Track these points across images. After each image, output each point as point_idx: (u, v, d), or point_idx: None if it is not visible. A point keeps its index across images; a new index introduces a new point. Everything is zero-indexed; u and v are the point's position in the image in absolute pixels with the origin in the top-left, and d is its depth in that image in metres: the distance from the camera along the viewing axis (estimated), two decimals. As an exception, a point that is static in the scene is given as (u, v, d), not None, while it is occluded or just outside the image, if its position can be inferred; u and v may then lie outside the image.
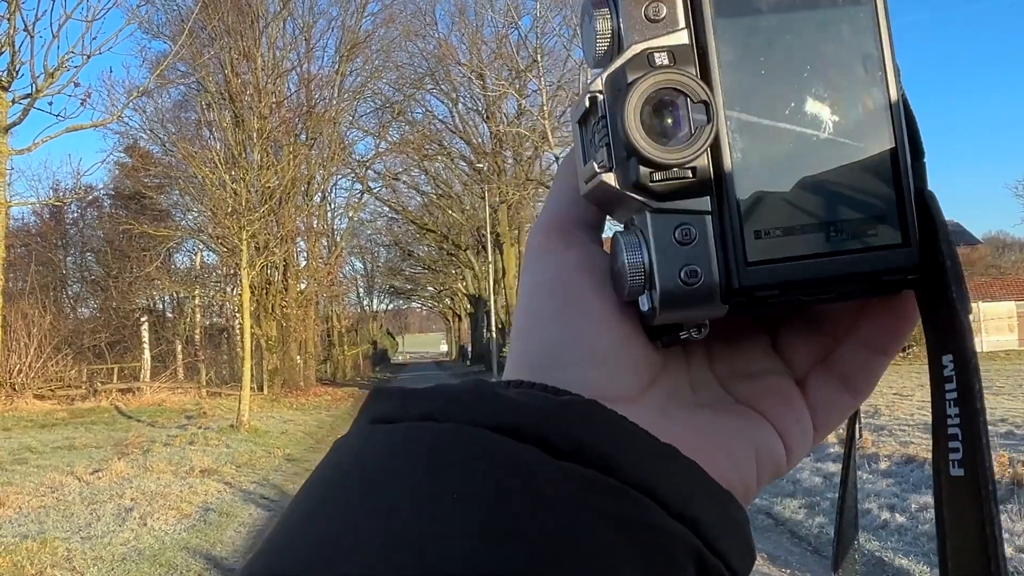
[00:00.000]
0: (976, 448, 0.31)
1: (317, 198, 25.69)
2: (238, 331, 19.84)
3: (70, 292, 26.61)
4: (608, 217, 0.38)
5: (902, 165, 0.33)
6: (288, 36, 24.37)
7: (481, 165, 27.46)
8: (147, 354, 22.50)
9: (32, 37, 6.15)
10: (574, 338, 0.34)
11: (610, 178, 0.33)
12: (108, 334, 22.21)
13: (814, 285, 0.33)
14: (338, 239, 26.83)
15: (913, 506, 5.80)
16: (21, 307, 18.54)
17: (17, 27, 6.05)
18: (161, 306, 25.96)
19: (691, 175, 0.32)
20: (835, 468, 7.24)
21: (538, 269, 0.36)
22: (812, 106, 0.33)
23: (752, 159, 0.33)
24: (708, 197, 0.33)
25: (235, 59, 20.80)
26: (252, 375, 15.28)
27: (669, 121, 0.32)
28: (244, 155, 18.26)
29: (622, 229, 0.35)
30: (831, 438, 6.25)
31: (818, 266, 0.33)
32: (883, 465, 7.15)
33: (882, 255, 0.33)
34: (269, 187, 17.69)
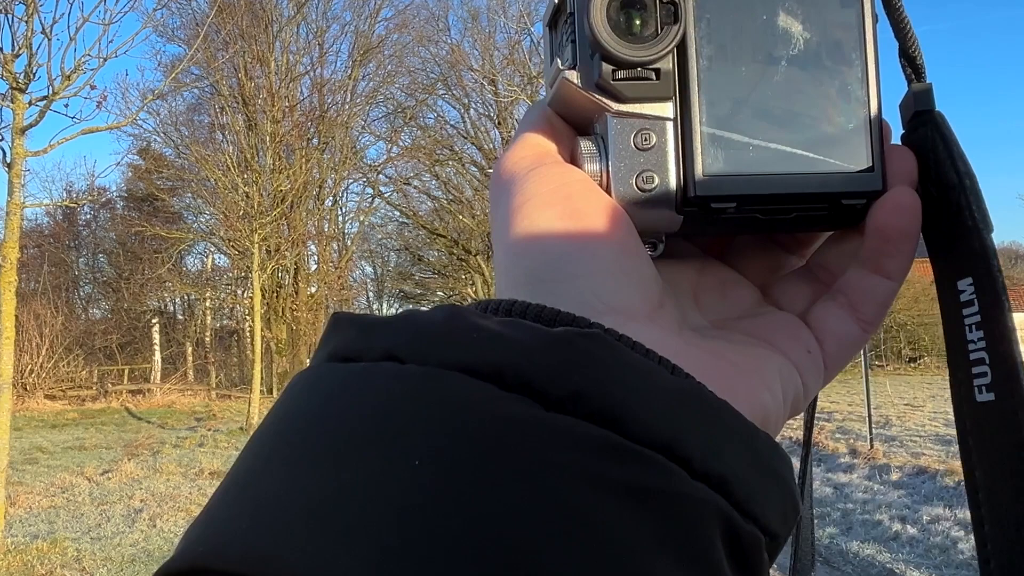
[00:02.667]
0: (1011, 368, 0.29)
1: (328, 202, 25.76)
2: (248, 334, 19.91)
3: (82, 293, 26.77)
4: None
5: (871, 88, 0.33)
6: (302, 40, 24.48)
7: (492, 171, 27.31)
8: (157, 356, 22.61)
9: (49, 40, 6.20)
10: (580, 248, 0.30)
11: (573, 75, 0.33)
12: (119, 335, 22.31)
13: (771, 201, 0.32)
14: (348, 243, 26.89)
15: (925, 518, 5.75)
16: (33, 307, 18.67)
17: (35, 29, 6.10)
18: (172, 308, 26.07)
19: (654, 77, 0.32)
20: (846, 479, 7.20)
21: (525, 187, 0.32)
22: (784, 21, 0.33)
23: (719, 69, 0.32)
24: (670, 103, 0.32)
25: (249, 63, 20.92)
26: (262, 378, 15.31)
27: (637, 22, 0.31)
28: (256, 159, 18.35)
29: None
30: (842, 447, 6.21)
31: (777, 182, 0.32)
32: (894, 476, 7.10)
33: (843, 177, 0.32)
34: (281, 191, 17.75)
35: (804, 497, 0.43)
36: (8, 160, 5.97)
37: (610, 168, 0.32)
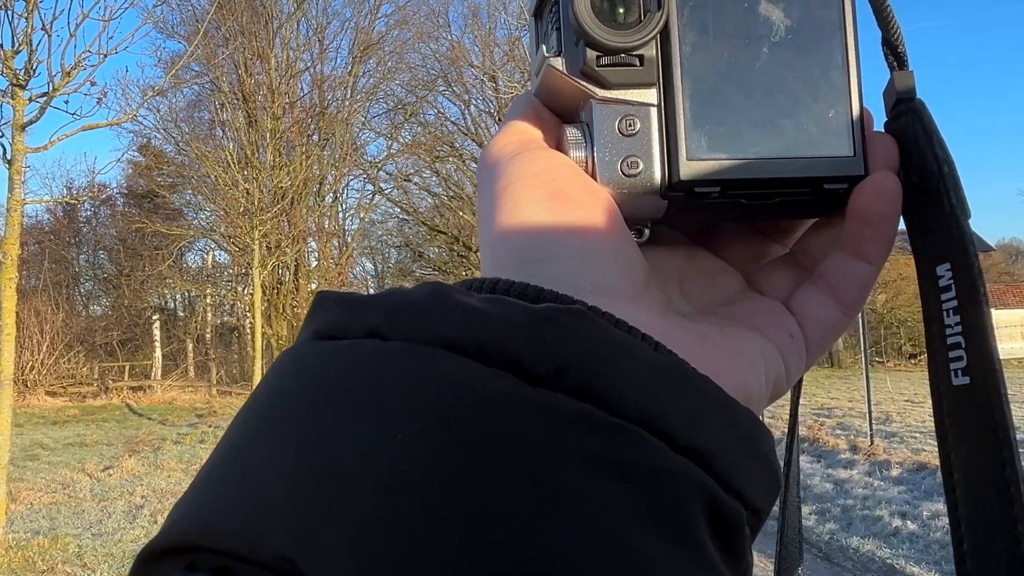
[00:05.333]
0: (986, 355, 0.29)
1: (329, 199, 25.75)
2: (249, 330, 19.93)
3: (82, 290, 26.79)
4: None
5: (851, 75, 0.33)
6: (302, 37, 24.45)
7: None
8: (158, 352, 22.62)
9: (50, 36, 6.20)
10: (565, 228, 0.30)
11: (558, 62, 0.33)
12: (120, 332, 22.32)
13: (754, 185, 0.32)
14: (349, 240, 26.89)
15: (925, 513, 5.76)
16: (34, 304, 18.68)
17: (35, 26, 6.10)
18: (172, 305, 26.08)
19: (638, 63, 0.32)
20: (846, 475, 7.21)
21: (510, 170, 0.32)
22: (766, 8, 0.33)
23: (702, 55, 0.33)
24: (654, 89, 0.32)
25: (249, 59, 20.90)
26: (263, 374, 15.28)
27: (620, 8, 0.32)
28: (257, 155, 18.34)
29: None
30: (842, 444, 6.22)
31: (760, 167, 0.32)
32: (894, 472, 7.11)
33: (825, 162, 0.33)
34: (281, 187, 17.75)
35: (790, 483, 0.43)
36: (8, 156, 5.97)
37: (595, 154, 0.32)
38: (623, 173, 0.32)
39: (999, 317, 24.69)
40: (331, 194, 25.89)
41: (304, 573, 0.19)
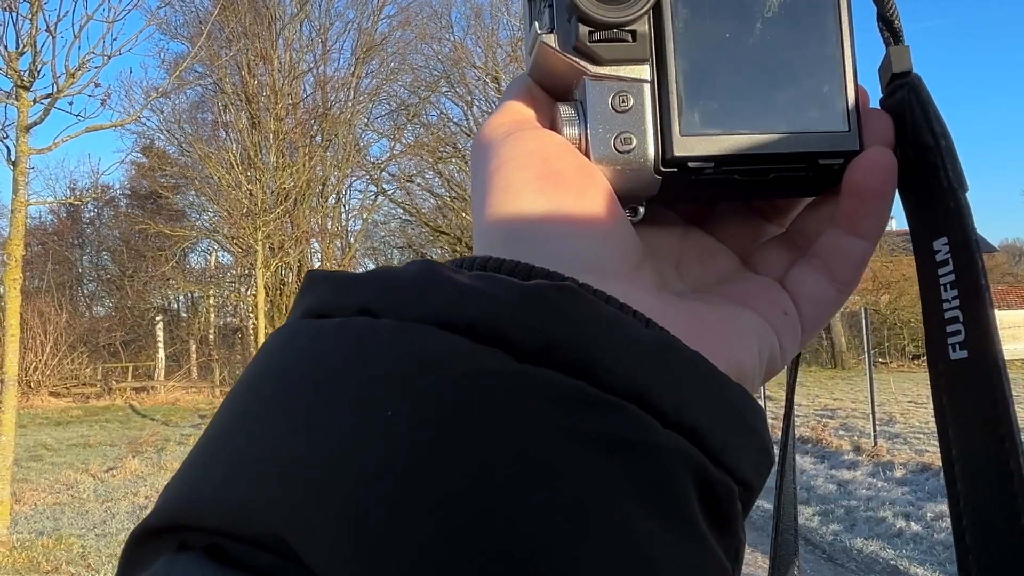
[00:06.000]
0: (984, 327, 0.29)
1: (332, 200, 25.77)
2: (252, 331, 19.94)
3: (86, 291, 26.82)
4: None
5: (846, 50, 0.33)
6: (305, 38, 24.47)
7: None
8: (161, 353, 22.64)
9: (54, 37, 6.21)
10: (556, 207, 0.29)
11: (550, 39, 0.33)
12: (123, 333, 22.35)
13: (748, 161, 0.32)
14: (352, 241, 26.90)
15: (929, 514, 5.75)
16: (38, 305, 18.71)
17: (39, 27, 6.11)
18: (176, 306, 26.11)
19: (631, 39, 0.32)
20: (849, 476, 7.20)
21: (502, 151, 0.32)
22: None
23: (695, 30, 0.32)
24: (647, 65, 0.32)
25: (252, 61, 20.92)
26: (265, 375, 15.27)
27: None
28: (260, 156, 18.37)
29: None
30: (845, 445, 6.20)
31: (754, 142, 0.32)
32: (898, 473, 7.10)
33: (820, 137, 0.32)
34: (284, 188, 17.77)
35: (785, 468, 0.43)
36: (13, 158, 5.98)
37: (588, 131, 0.32)
38: (616, 149, 0.32)
39: (1003, 318, 24.64)
40: (334, 195, 25.92)
41: (295, 551, 0.19)
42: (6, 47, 6.05)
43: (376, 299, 0.24)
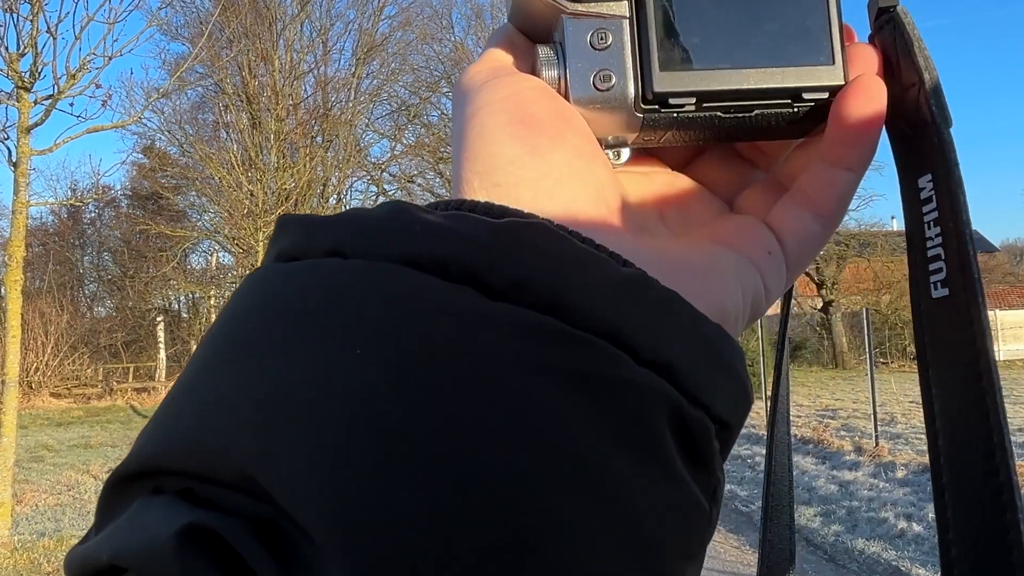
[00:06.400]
0: (964, 262, 0.29)
1: (332, 200, 25.77)
2: (253, 332, 19.93)
3: (87, 291, 26.84)
4: None
5: None
6: (305, 39, 24.48)
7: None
8: (162, 354, 22.66)
9: (55, 38, 6.22)
10: (531, 151, 0.29)
11: None
12: (124, 333, 22.37)
13: (731, 96, 0.32)
14: (353, 241, 26.83)
15: (931, 515, 5.74)
16: (39, 306, 18.73)
17: (40, 28, 6.12)
18: (177, 306, 26.12)
19: None
20: (851, 476, 7.20)
21: (478, 97, 0.31)
22: None
23: None
24: (626, 2, 0.32)
25: (253, 61, 20.94)
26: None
27: None
28: (261, 157, 18.39)
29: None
30: (847, 445, 6.18)
31: (736, 77, 0.32)
32: (900, 474, 7.09)
33: (804, 71, 0.32)
34: (285, 189, 17.78)
35: (776, 421, 0.42)
36: (14, 159, 5.99)
37: (567, 70, 0.32)
38: (596, 88, 0.31)
39: (1003, 318, 24.62)
40: (335, 196, 25.94)
41: (265, 490, 0.19)
42: (7, 48, 6.06)
43: (346, 240, 0.23)
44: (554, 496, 0.20)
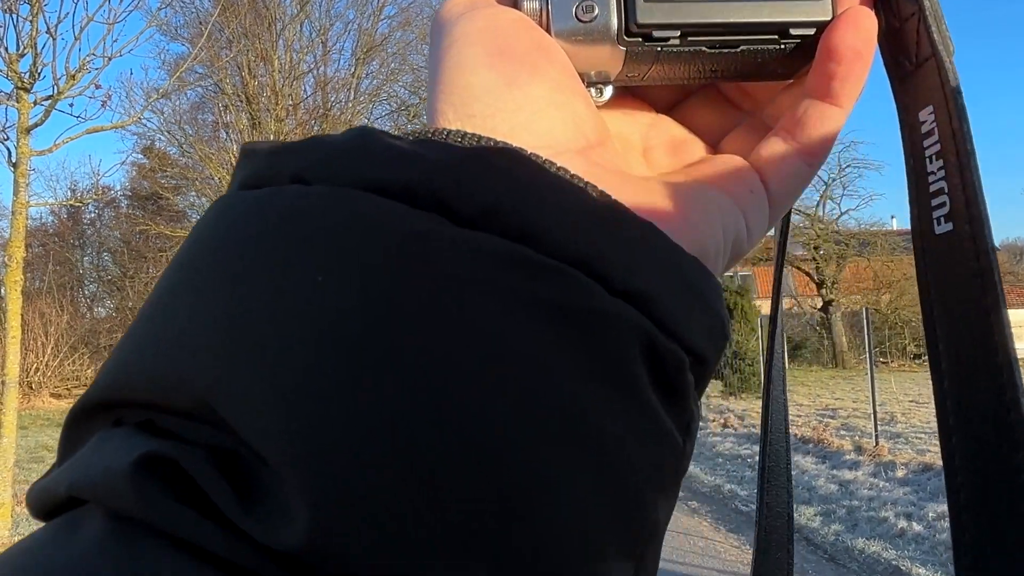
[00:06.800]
0: (968, 194, 0.28)
1: (332, 200, 25.75)
2: (253, 332, 19.94)
3: (87, 292, 26.84)
4: None
5: None
6: (305, 39, 24.48)
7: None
8: (163, 354, 22.65)
9: (54, 39, 6.22)
10: (507, 82, 0.28)
11: None
12: (124, 334, 22.35)
13: (716, 30, 0.31)
14: (353, 241, 26.83)
15: (931, 515, 5.75)
16: (38, 306, 18.73)
17: (39, 29, 6.12)
18: (177, 307, 26.09)
19: None
20: (851, 476, 7.20)
21: (454, 29, 0.30)
22: None
23: None
24: None
25: (252, 62, 20.94)
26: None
27: None
28: (261, 157, 18.40)
29: None
30: (847, 445, 6.18)
31: (721, 9, 0.31)
32: (900, 473, 7.09)
33: (791, 5, 0.31)
34: (285, 189, 17.77)
35: (772, 378, 0.41)
36: (13, 160, 5.99)
37: (549, 1, 0.31)
38: (578, 19, 0.31)
39: (1004, 317, 24.54)
40: (335, 196, 25.87)
41: (222, 418, 0.19)
42: (6, 49, 6.06)
43: (309, 166, 0.23)
44: (527, 427, 0.19)
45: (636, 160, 0.33)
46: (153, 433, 0.20)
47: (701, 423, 0.23)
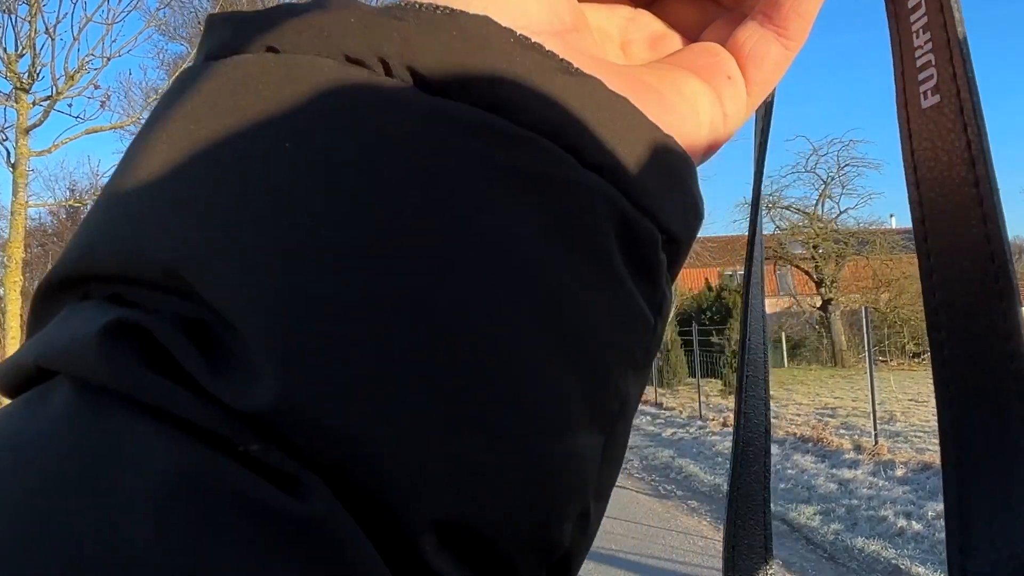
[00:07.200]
0: (956, 65, 0.28)
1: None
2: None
3: (87, 292, 26.79)
4: None
5: None
6: (304, 39, 24.46)
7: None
8: (162, 354, 22.66)
9: (53, 39, 6.23)
10: None
11: None
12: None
13: None
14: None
15: (930, 513, 5.75)
16: (38, 307, 18.68)
17: (38, 29, 6.12)
18: (176, 307, 26.10)
19: None
20: (850, 475, 7.21)
21: None
22: None
23: None
24: None
25: (251, 62, 20.92)
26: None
27: None
28: (260, 157, 18.39)
29: None
30: (846, 444, 6.17)
31: None
32: (899, 472, 7.10)
33: None
34: (284, 189, 17.77)
35: (752, 283, 0.41)
36: (12, 160, 5.99)
37: None
38: None
39: (1003, 316, 24.50)
40: (334, 196, 25.87)
41: (191, 286, 0.19)
42: (5, 49, 6.07)
43: (277, 35, 0.22)
44: (497, 294, 0.19)
45: (613, 52, 0.32)
46: (121, 305, 0.20)
47: (701, 422, 0.23)
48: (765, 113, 0.38)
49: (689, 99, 0.28)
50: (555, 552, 0.20)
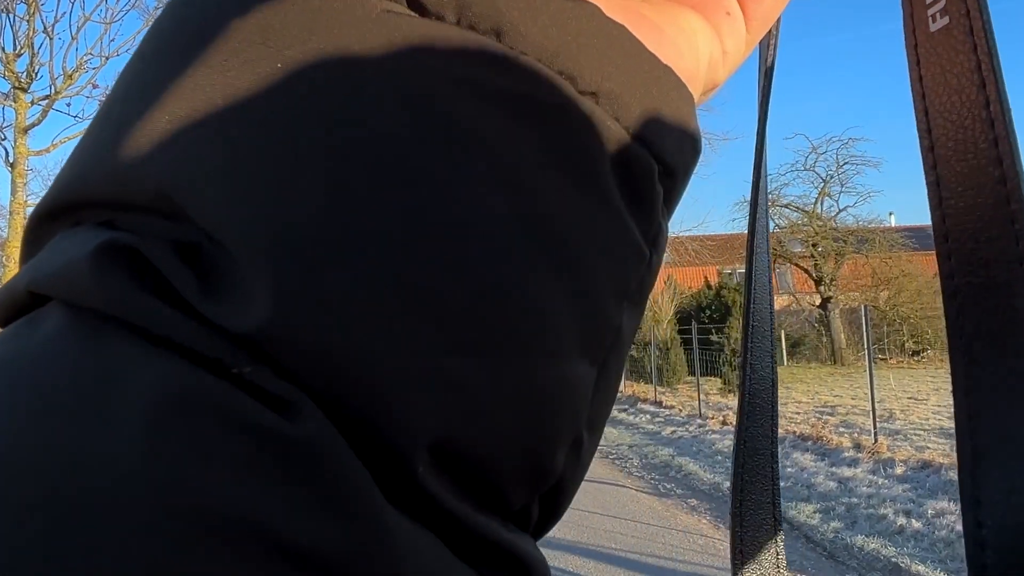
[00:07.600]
0: None
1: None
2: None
3: (86, 292, 26.82)
4: None
5: None
6: (303, 38, 24.49)
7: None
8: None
9: (51, 39, 6.23)
10: None
11: None
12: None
13: None
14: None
15: (930, 511, 5.76)
16: (38, 307, 18.73)
17: (36, 28, 6.11)
18: (176, 306, 26.12)
19: None
20: (850, 473, 7.21)
21: None
22: None
23: None
24: None
25: (250, 61, 20.95)
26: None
27: None
28: (259, 156, 18.42)
29: None
30: (846, 441, 6.16)
31: None
32: (898, 470, 7.10)
33: None
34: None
35: (756, 250, 0.40)
36: (11, 160, 5.99)
37: None
38: None
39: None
40: (333, 195, 25.89)
41: (183, 209, 0.19)
42: (3, 48, 6.06)
43: None
44: (492, 223, 0.19)
45: None
46: (114, 230, 0.20)
47: (701, 421, 0.23)
48: (766, 78, 0.37)
49: (688, 34, 0.28)
50: (547, 480, 0.21)
